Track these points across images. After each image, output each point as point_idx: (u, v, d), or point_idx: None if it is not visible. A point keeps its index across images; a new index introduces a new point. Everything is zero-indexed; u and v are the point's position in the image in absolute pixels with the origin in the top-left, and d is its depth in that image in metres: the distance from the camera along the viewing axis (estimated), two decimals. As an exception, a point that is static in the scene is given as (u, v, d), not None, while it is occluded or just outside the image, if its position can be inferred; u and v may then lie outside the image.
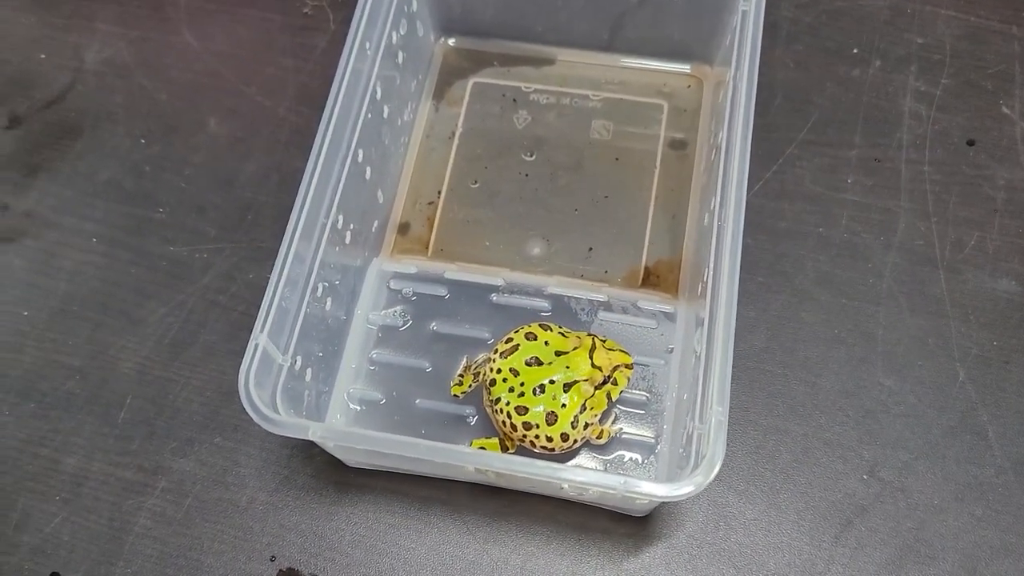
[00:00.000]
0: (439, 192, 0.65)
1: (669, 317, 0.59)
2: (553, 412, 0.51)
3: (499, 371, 0.52)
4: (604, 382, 0.51)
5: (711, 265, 0.50)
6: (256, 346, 0.46)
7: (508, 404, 0.51)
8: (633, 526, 0.55)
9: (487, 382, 0.53)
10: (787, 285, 0.61)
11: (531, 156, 0.66)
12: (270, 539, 0.56)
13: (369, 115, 0.56)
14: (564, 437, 0.51)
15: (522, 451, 0.54)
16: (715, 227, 0.51)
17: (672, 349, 0.57)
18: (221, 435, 0.59)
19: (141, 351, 0.61)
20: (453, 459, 0.44)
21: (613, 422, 0.55)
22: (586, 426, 0.52)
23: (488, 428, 0.56)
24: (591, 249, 0.62)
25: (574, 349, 0.52)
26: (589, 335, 0.53)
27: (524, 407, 0.51)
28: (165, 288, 0.63)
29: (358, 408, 0.57)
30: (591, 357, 0.51)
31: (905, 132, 0.66)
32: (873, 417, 0.57)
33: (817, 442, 0.57)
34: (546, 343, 0.52)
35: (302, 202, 0.50)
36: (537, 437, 0.51)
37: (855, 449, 0.57)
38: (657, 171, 0.65)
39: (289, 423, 0.45)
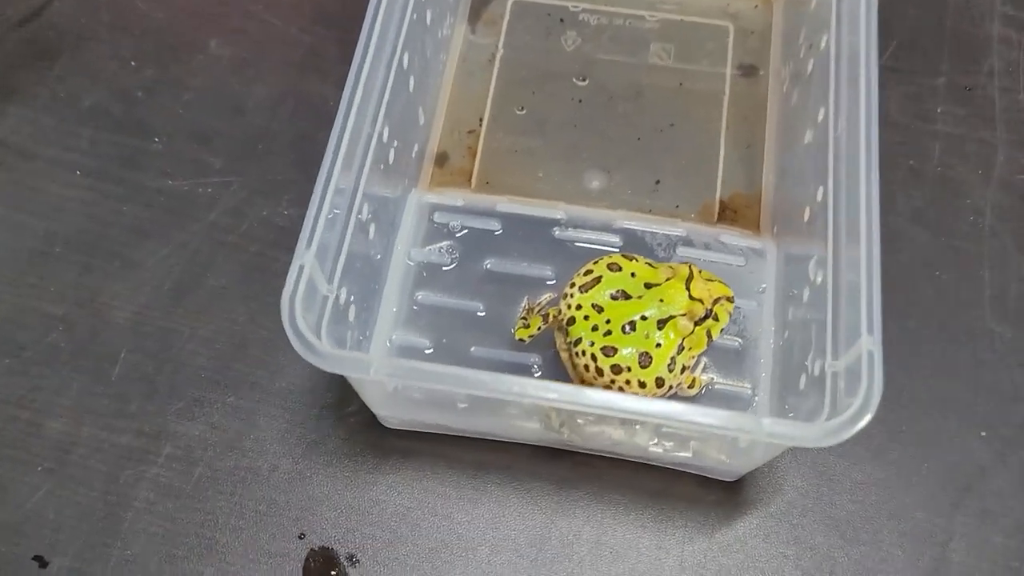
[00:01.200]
0: (480, 119, 0.57)
1: (758, 254, 0.51)
2: (647, 353, 0.43)
3: (579, 307, 0.44)
4: (705, 317, 0.44)
5: (828, 189, 0.43)
6: (301, 268, 0.38)
7: (592, 345, 0.43)
8: (723, 492, 0.47)
9: (564, 320, 0.45)
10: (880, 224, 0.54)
11: (583, 81, 0.58)
12: (298, 513, 0.47)
13: (414, 15, 0.48)
14: (659, 382, 0.43)
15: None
16: (831, 147, 0.43)
17: (764, 289, 0.50)
18: (235, 393, 0.50)
19: (137, 298, 0.52)
20: (571, 398, 0.36)
21: (704, 370, 0.48)
22: (683, 369, 0.44)
23: (558, 379, 0.48)
24: (658, 182, 0.55)
25: (667, 280, 0.44)
26: (684, 264, 0.45)
27: (612, 347, 0.43)
28: (164, 227, 0.54)
29: (401, 358, 0.49)
30: (688, 288, 0.44)
31: (995, 58, 0.60)
32: (986, 367, 0.50)
33: (924, 395, 0.50)
34: (633, 274, 0.45)
35: (349, 101, 0.42)
36: (628, 383, 0.43)
37: (969, 403, 0.50)
38: (726, 98, 0.58)
39: (347, 357, 0.37)
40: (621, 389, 0.43)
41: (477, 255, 0.51)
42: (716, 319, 0.44)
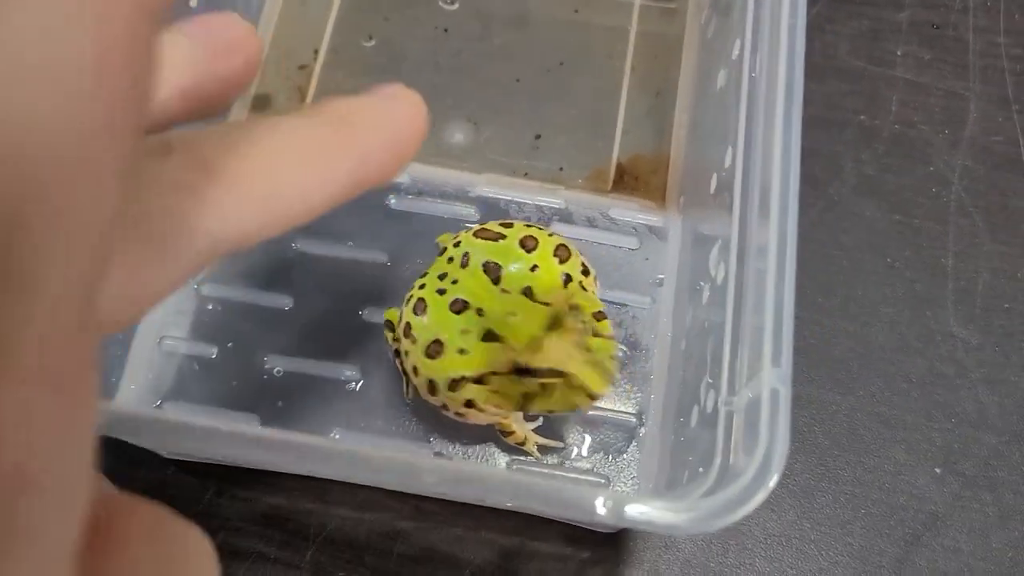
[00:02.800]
0: (316, 52, 0.44)
1: (657, 234, 0.39)
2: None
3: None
4: (527, 372, 0.30)
5: (737, 142, 0.31)
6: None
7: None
8: (597, 548, 0.36)
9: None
10: (819, 195, 0.43)
11: (453, 4, 0.45)
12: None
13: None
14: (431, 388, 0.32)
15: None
16: (744, 85, 0.32)
17: (662, 281, 0.38)
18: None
19: None
20: (339, 469, 0.24)
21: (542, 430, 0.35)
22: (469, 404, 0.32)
23: (378, 396, 0.36)
24: (539, 137, 0.43)
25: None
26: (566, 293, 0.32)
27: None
28: None
29: (175, 366, 0.36)
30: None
31: (972, -10, 0.48)
32: (946, 383, 0.39)
33: (868, 420, 0.39)
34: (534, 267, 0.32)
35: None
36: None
37: (922, 430, 0.39)
38: (633, 32, 0.45)
39: None
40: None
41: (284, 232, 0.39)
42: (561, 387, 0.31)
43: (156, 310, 0.37)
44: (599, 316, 0.32)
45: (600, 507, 0.23)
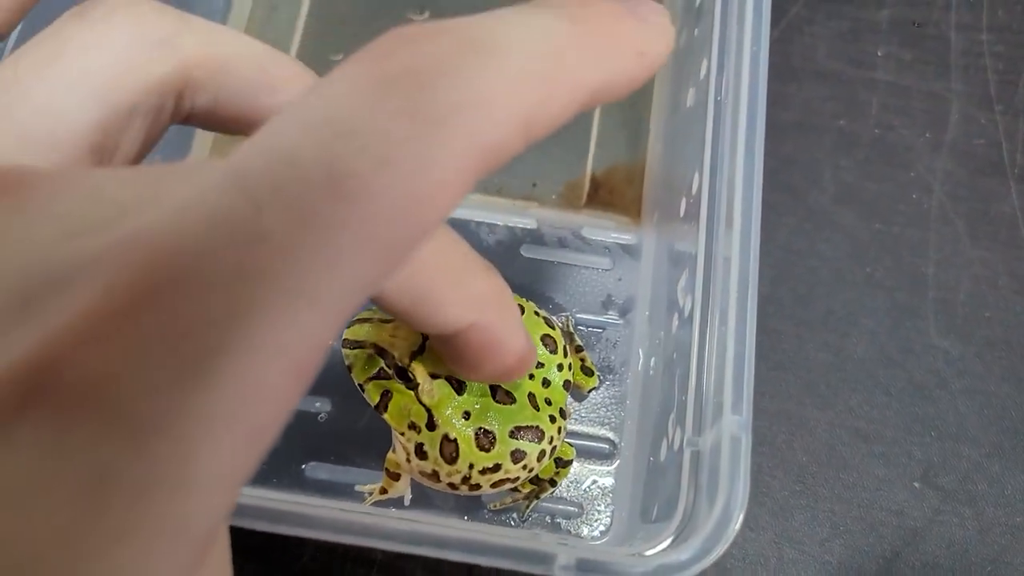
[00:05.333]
0: (285, 68, 0.43)
1: (630, 252, 0.39)
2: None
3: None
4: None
5: (703, 169, 0.30)
6: None
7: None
8: None
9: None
10: (797, 204, 0.42)
11: (423, 14, 0.45)
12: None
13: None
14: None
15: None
16: (710, 107, 0.31)
17: (635, 301, 0.38)
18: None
19: None
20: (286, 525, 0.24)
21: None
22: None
23: (346, 425, 0.36)
24: (512, 152, 0.42)
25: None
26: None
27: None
28: None
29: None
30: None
31: (954, -14, 0.47)
32: (926, 396, 0.39)
33: (847, 435, 0.39)
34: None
35: None
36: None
37: (901, 444, 0.38)
38: (607, 39, 0.44)
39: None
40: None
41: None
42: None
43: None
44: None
45: (560, 564, 0.23)
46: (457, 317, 0.20)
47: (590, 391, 0.36)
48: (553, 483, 0.34)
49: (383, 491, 0.34)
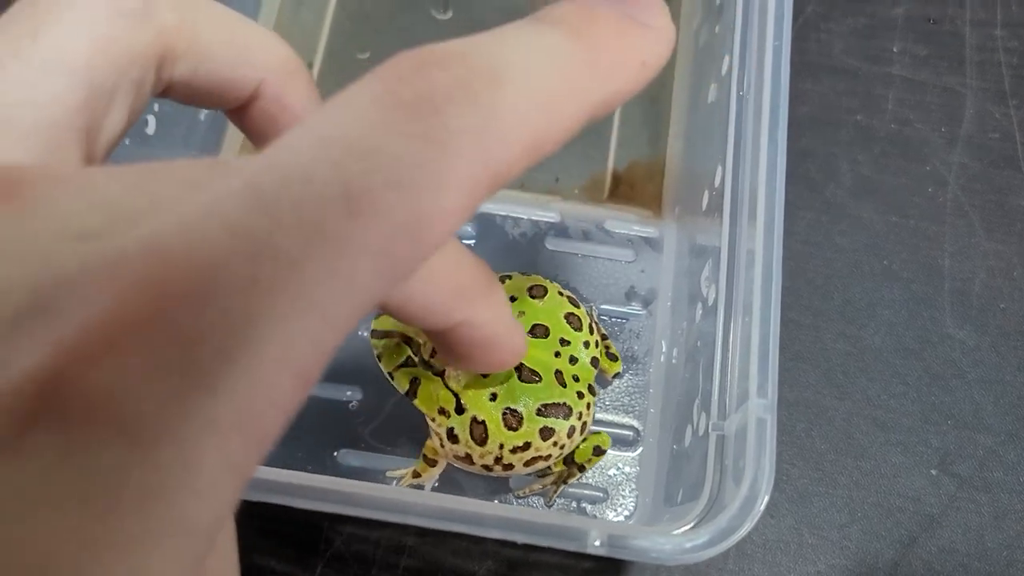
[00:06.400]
0: (310, 65, 0.44)
1: (651, 244, 0.40)
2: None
3: None
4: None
5: (727, 163, 0.31)
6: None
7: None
8: (601, 558, 0.37)
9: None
10: (814, 197, 0.43)
11: (446, 13, 0.46)
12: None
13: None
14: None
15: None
16: (732, 102, 0.32)
17: (657, 292, 0.39)
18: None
19: None
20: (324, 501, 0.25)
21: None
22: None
23: (376, 413, 0.37)
24: (535, 147, 0.43)
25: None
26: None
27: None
28: None
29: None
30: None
31: (969, -18, 0.47)
32: (942, 385, 0.40)
33: (864, 423, 0.39)
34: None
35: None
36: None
37: (918, 432, 0.39)
38: (627, 36, 0.45)
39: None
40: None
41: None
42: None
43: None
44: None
45: (593, 540, 0.24)
46: (445, 316, 0.20)
47: (614, 376, 0.37)
48: (582, 469, 0.35)
49: (416, 475, 0.35)
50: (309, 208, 0.11)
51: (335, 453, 0.36)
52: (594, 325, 0.35)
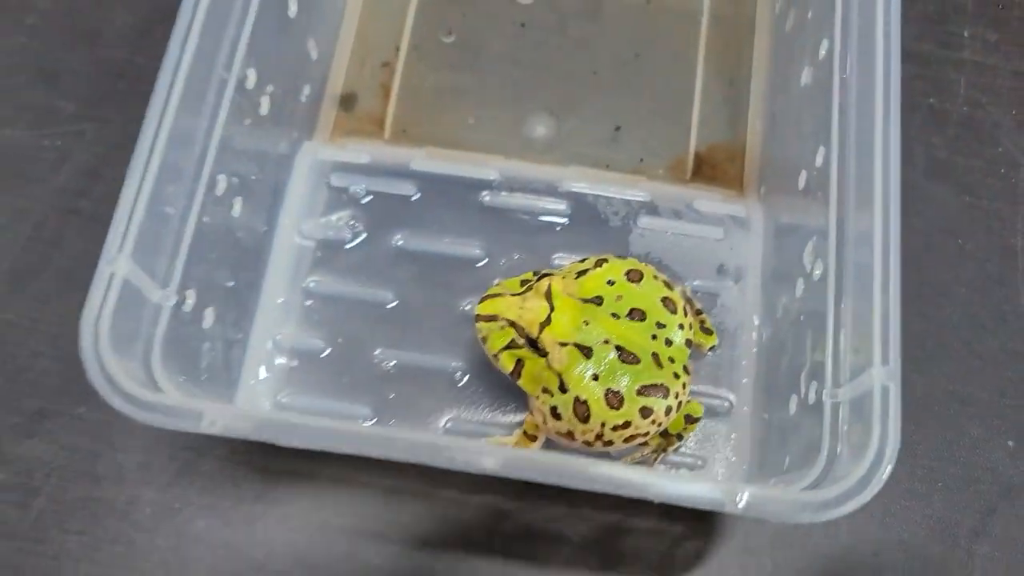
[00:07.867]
0: (397, 48, 0.46)
1: (740, 224, 0.41)
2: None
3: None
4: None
5: (831, 143, 0.32)
6: (111, 277, 0.28)
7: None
8: (692, 522, 0.38)
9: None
10: (890, 178, 0.44)
11: (529, -1, 0.47)
12: (165, 556, 0.38)
13: (293, -85, 0.36)
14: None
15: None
16: (835, 84, 0.33)
17: (747, 269, 0.40)
18: (87, 404, 0.40)
19: (-36, 282, 0.42)
20: (464, 462, 0.27)
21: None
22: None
23: (484, 388, 0.38)
24: (618, 128, 0.44)
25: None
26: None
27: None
28: (-1, 189, 0.43)
29: (289, 363, 0.39)
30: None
31: (1037, -32, 0.48)
32: (1018, 361, 0.41)
33: (943, 397, 0.41)
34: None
35: (182, 39, 0.30)
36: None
37: (995, 406, 0.40)
38: (704, 19, 0.46)
39: (168, 406, 0.27)
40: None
41: (386, 228, 0.41)
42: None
43: (268, 311, 0.39)
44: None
45: (738, 501, 0.25)
46: None
47: (710, 349, 0.38)
48: (680, 438, 0.36)
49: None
50: None
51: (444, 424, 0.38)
52: (687, 307, 0.36)
